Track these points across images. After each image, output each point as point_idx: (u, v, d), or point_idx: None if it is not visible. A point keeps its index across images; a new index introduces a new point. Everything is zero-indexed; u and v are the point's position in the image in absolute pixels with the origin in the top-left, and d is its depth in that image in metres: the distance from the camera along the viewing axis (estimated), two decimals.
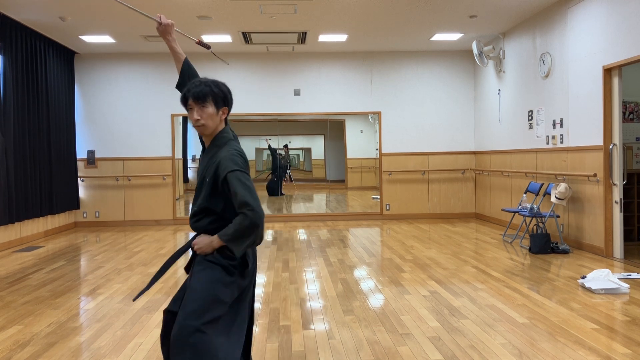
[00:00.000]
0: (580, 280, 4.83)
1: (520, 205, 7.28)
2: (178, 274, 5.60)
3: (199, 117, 2.35)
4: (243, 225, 2.19)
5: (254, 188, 2.25)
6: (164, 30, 2.71)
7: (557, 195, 6.57)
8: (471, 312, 4.06)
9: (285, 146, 13.71)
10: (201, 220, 2.36)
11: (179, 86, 2.68)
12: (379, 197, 10.40)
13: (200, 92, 2.34)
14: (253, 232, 2.21)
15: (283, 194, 13.50)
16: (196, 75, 2.70)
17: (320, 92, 10.12)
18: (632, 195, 7.12)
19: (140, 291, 2.48)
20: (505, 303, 4.30)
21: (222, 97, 2.39)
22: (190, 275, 2.38)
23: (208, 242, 2.29)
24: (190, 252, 2.44)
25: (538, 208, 6.88)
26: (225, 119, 2.47)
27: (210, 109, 2.35)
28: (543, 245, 6.33)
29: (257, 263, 6.00)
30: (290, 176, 14.50)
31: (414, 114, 10.18)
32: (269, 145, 13.23)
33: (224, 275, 2.28)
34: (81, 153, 9.77)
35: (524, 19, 8.00)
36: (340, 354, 3.28)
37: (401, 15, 7.71)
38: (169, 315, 2.36)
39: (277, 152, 13.21)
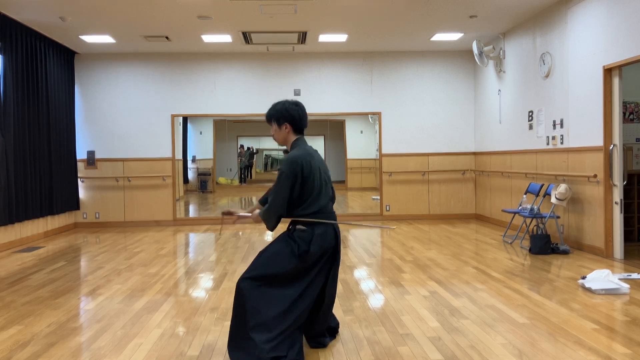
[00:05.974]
0: (581, 281, 4.83)
1: (520, 206, 7.28)
2: (178, 274, 5.60)
3: (273, 133, 3.28)
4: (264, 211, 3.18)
5: (283, 188, 3.05)
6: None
7: (557, 196, 6.57)
8: (471, 313, 4.06)
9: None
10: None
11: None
12: (379, 197, 10.39)
13: (266, 116, 3.29)
14: (266, 218, 3.16)
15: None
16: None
17: (320, 92, 10.12)
18: (632, 196, 7.11)
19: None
20: (506, 303, 4.30)
21: (276, 117, 3.21)
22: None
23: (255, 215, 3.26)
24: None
25: (538, 209, 6.88)
26: (296, 130, 3.24)
27: (274, 126, 3.25)
28: (543, 245, 6.32)
29: None
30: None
31: (414, 115, 10.17)
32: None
33: (288, 252, 3.09)
34: (81, 154, 9.77)
35: (524, 19, 8.00)
36: (341, 354, 3.28)
37: (401, 16, 7.71)
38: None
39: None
